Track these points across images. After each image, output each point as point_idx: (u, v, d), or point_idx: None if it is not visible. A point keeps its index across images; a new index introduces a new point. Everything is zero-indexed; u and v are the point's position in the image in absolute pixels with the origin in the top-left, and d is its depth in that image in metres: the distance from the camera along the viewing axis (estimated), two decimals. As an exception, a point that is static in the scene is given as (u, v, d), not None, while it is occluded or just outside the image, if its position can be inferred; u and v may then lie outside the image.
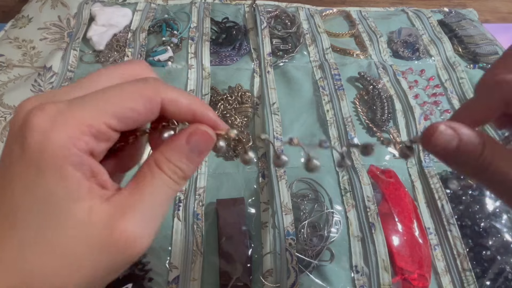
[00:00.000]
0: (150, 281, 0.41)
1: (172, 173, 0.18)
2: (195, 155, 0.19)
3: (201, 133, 0.19)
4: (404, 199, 0.49)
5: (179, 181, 0.19)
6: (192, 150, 0.19)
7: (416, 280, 0.43)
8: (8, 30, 0.66)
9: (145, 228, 0.17)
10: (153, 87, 0.18)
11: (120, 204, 0.17)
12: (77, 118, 0.16)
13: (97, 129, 0.16)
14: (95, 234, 0.16)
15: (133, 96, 0.17)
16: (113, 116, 0.17)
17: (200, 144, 0.19)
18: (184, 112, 0.19)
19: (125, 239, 0.16)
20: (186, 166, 0.19)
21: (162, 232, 0.45)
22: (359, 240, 0.46)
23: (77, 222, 0.16)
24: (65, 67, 0.60)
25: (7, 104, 0.55)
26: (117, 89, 0.17)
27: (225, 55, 0.65)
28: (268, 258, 0.43)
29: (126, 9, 0.70)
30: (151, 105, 0.18)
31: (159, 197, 0.18)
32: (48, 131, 0.15)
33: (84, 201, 0.16)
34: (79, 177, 0.16)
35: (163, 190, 0.18)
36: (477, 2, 0.90)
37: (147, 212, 0.17)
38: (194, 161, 0.19)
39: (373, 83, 0.61)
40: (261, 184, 0.50)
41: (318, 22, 0.73)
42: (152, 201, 0.18)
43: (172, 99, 0.18)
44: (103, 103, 0.16)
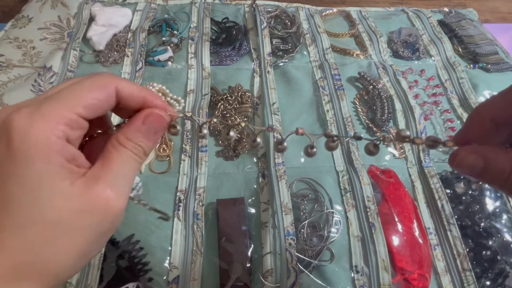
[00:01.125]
0: (150, 281, 0.41)
1: (133, 148, 0.22)
2: (152, 133, 0.23)
3: (155, 114, 0.23)
4: (404, 199, 0.49)
5: (140, 155, 0.22)
6: (149, 129, 0.22)
7: (416, 280, 0.43)
8: (8, 30, 0.66)
9: (118, 190, 0.20)
10: (107, 78, 0.21)
11: (93, 175, 0.20)
12: (51, 112, 0.19)
13: (70, 119, 0.19)
14: (77, 203, 0.19)
15: (92, 87, 0.21)
16: (80, 106, 0.20)
17: (155, 124, 0.23)
18: (136, 96, 0.22)
19: (102, 200, 0.19)
20: (144, 144, 0.22)
21: (162, 232, 0.45)
22: (359, 240, 0.46)
23: (62, 196, 0.19)
24: (65, 67, 0.60)
25: (7, 104, 0.55)
26: (79, 85, 0.20)
27: (225, 55, 0.65)
28: (268, 258, 0.43)
29: (126, 9, 0.70)
30: (107, 92, 0.21)
31: (125, 168, 0.21)
32: (28, 127, 0.18)
33: (66, 179, 0.19)
34: (61, 162, 0.19)
35: (128, 162, 0.21)
36: (477, 2, 0.90)
37: (117, 179, 0.20)
38: (151, 139, 0.23)
39: (373, 83, 0.61)
40: (261, 184, 0.50)
41: (318, 22, 0.73)
42: (119, 170, 0.21)
43: (125, 85, 0.22)
44: (70, 97, 0.20)
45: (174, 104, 0.57)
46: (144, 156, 0.22)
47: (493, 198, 0.50)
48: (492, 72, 0.67)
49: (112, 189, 0.20)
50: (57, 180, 0.19)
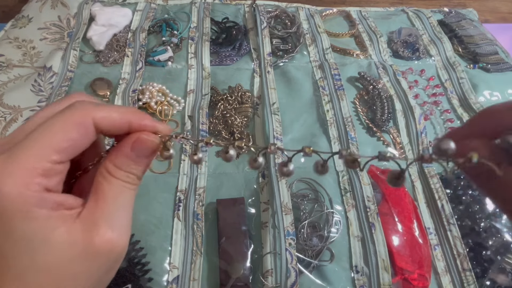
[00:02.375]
0: (150, 281, 0.41)
1: (125, 177, 0.20)
2: (142, 158, 0.21)
3: (143, 140, 0.21)
4: (404, 199, 0.49)
5: (134, 182, 0.21)
6: (138, 155, 0.21)
7: (416, 280, 0.43)
8: (8, 30, 0.66)
9: (118, 228, 0.19)
10: (80, 110, 0.19)
11: (90, 217, 0.19)
12: (22, 165, 0.17)
13: (43, 169, 0.18)
14: (78, 250, 0.18)
15: (64, 126, 0.18)
16: (52, 152, 0.18)
17: (143, 149, 0.21)
18: (118, 125, 0.20)
19: (105, 243, 0.19)
20: (135, 170, 0.21)
21: (162, 232, 0.45)
22: (359, 240, 0.46)
23: (60, 245, 0.18)
24: (65, 67, 0.60)
25: (7, 104, 0.55)
26: (49, 125, 0.18)
27: (225, 55, 0.65)
28: (268, 258, 0.43)
29: (126, 9, 0.70)
30: (84, 129, 0.19)
31: (121, 200, 0.20)
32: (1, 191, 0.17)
33: (59, 227, 0.18)
34: (45, 213, 0.18)
35: (122, 193, 0.20)
36: (477, 2, 0.90)
37: (115, 215, 0.19)
38: (143, 164, 0.21)
39: (373, 83, 0.61)
40: (261, 184, 0.50)
41: (318, 22, 0.73)
42: (116, 204, 0.20)
43: (103, 116, 0.19)
44: (40, 142, 0.18)
45: (174, 104, 0.57)
46: (138, 181, 0.21)
47: (493, 198, 0.50)
48: (492, 72, 0.67)
49: (113, 229, 0.19)
50: (48, 231, 0.18)
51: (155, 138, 0.21)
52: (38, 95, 0.56)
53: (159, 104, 0.56)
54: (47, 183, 0.18)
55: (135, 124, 0.21)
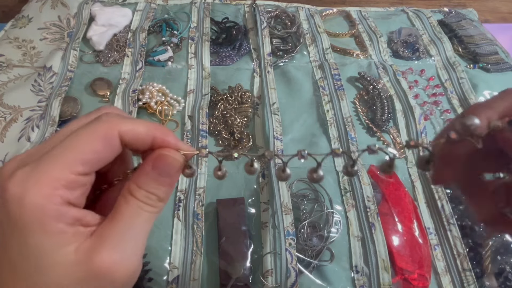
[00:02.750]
0: (150, 281, 0.41)
1: (145, 198, 0.19)
2: (165, 178, 0.20)
3: (164, 157, 0.20)
4: (404, 199, 0.49)
5: (155, 204, 0.20)
6: (160, 174, 0.20)
7: (416, 280, 0.43)
8: (8, 30, 0.66)
9: (125, 251, 0.18)
10: (106, 123, 0.19)
11: (100, 236, 0.18)
12: (46, 176, 0.17)
13: (67, 180, 0.17)
14: (81, 270, 0.18)
15: (89, 138, 0.18)
16: (77, 164, 0.18)
17: (165, 167, 0.20)
18: (143, 139, 0.20)
19: (105, 265, 0.18)
20: (157, 190, 0.20)
21: (162, 232, 0.45)
22: (359, 240, 0.46)
23: (64, 265, 0.17)
24: (65, 67, 0.60)
25: (7, 104, 0.55)
26: (75, 137, 0.18)
27: (225, 55, 0.65)
28: (268, 258, 0.43)
29: (126, 9, 0.70)
30: (109, 141, 0.19)
31: (136, 221, 0.19)
32: (22, 196, 0.17)
33: (70, 244, 0.18)
34: (61, 227, 0.17)
35: (139, 214, 0.19)
36: (477, 2, 0.90)
37: (124, 237, 0.18)
38: (165, 184, 0.20)
39: (373, 83, 0.61)
40: (261, 184, 0.50)
41: (318, 22, 0.73)
42: (128, 226, 0.19)
43: (129, 129, 0.19)
44: (65, 154, 0.18)
45: (174, 104, 0.57)
46: (159, 203, 0.20)
47: (493, 198, 0.50)
48: (492, 72, 0.67)
49: (118, 251, 0.18)
50: (57, 247, 0.17)
51: (179, 156, 0.20)
52: (38, 95, 0.56)
53: (159, 104, 0.56)
54: (69, 196, 0.18)
55: (158, 139, 0.20)
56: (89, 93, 0.58)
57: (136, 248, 0.19)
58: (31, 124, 0.53)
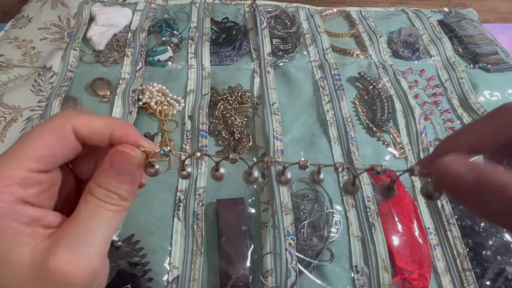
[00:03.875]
0: (150, 281, 0.41)
1: (104, 197, 0.18)
2: (124, 176, 0.19)
3: (120, 153, 0.19)
4: (404, 199, 0.49)
5: (117, 203, 0.19)
6: (118, 172, 0.19)
7: (416, 280, 0.43)
8: (8, 30, 0.66)
9: (79, 252, 0.17)
10: (59, 118, 0.18)
11: (57, 237, 0.17)
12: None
13: (19, 178, 0.17)
14: (36, 272, 0.17)
15: (41, 134, 0.18)
16: (29, 160, 0.17)
17: (123, 165, 0.19)
18: (100, 134, 0.19)
19: (60, 268, 0.17)
20: (117, 189, 0.19)
21: (162, 232, 0.45)
22: (359, 240, 0.46)
23: (20, 265, 0.17)
24: (65, 67, 0.60)
25: (7, 104, 0.55)
26: (28, 135, 0.18)
27: (225, 55, 0.65)
28: (268, 258, 0.43)
29: (126, 9, 0.70)
30: (62, 135, 0.18)
31: (95, 221, 0.18)
32: None
33: (26, 245, 0.17)
34: (15, 226, 0.17)
35: (98, 214, 0.18)
36: (477, 2, 0.90)
37: (80, 237, 0.17)
38: (126, 182, 0.19)
39: (373, 83, 0.61)
40: (261, 184, 0.50)
41: (318, 22, 0.73)
42: (86, 226, 0.18)
43: (83, 123, 0.18)
44: (17, 152, 0.17)
45: (174, 104, 0.57)
46: (122, 202, 0.19)
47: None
48: (492, 72, 0.67)
49: (74, 253, 0.17)
50: (13, 247, 0.17)
51: (138, 153, 0.19)
52: (38, 95, 0.56)
53: (159, 104, 0.56)
54: (23, 193, 0.17)
55: (117, 134, 0.19)
56: (89, 93, 0.58)
57: (95, 248, 0.18)
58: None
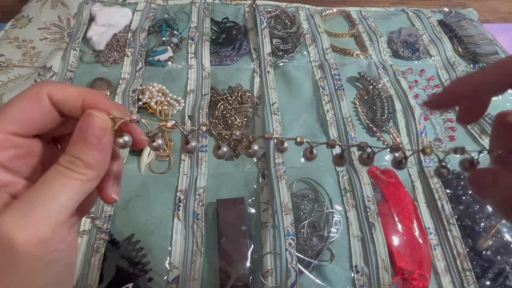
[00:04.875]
0: (150, 281, 0.41)
1: (67, 163, 0.18)
2: (92, 140, 0.18)
3: (89, 115, 0.19)
4: (404, 199, 0.49)
5: (81, 171, 0.18)
6: (85, 136, 0.18)
7: (416, 280, 0.43)
8: (8, 30, 0.66)
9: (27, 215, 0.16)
10: (37, 85, 0.19)
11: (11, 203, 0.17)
12: None
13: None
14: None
15: (19, 100, 0.18)
16: (7, 123, 0.18)
17: (89, 127, 0.18)
18: (73, 100, 0.19)
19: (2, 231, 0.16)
20: (82, 154, 0.18)
21: (162, 232, 0.45)
22: (359, 240, 0.46)
23: None
24: (65, 67, 0.60)
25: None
26: (6, 103, 0.18)
27: (225, 55, 0.65)
28: (268, 258, 0.43)
29: (126, 9, 0.70)
30: (37, 100, 0.18)
31: (48, 187, 0.17)
32: None
33: None
34: None
35: (55, 180, 0.18)
36: (477, 2, 0.90)
37: (31, 201, 0.17)
38: (92, 147, 0.18)
39: (373, 83, 0.61)
40: (261, 184, 0.50)
41: (318, 22, 0.73)
42: (39, 191, 0.17)
43: (58, 89, 0.19)
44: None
45: (174, 104, 0.57)
46: (87, 170, 0.18)
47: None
48: (492, 72, 0.67)
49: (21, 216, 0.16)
50: None
51: (105, 117, 0.19)
52: (38, 95, 0.56)
53: (159, 104, 0.56)
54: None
55: (89, 101, 0.19)
56: (89, 93, 0.58)
57: (46, 215, 0.17)
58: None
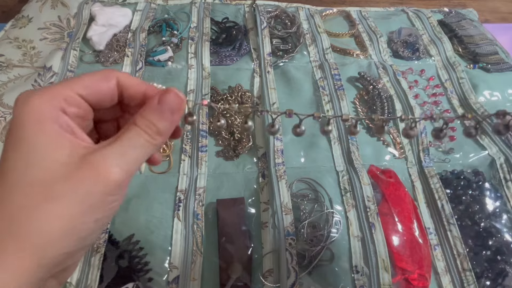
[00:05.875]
0: (150, 281, 0.41)
1: (145, 126, 0.21)
2: (167, 112, 0.22)
3: (170, 91, 0.22)
4: (404, 199, 0.49)
5: (153, 135, 0.21)
6: (163, 108, 0.22)
7: (416, 280, 0.43)
8: (8, 30, 0.66)
9: (114, 160, 0.19)
10: (108, 70, 0.22)
11: (94, 148, 0.20)
12: (50, 89, 0.20)
13: (67, 95, 0.20)
14: (72, 170, 0.18)
15: (93, 74, 0.22)
16: (79, 86, 0.20)
17: (170, 101, 0.22)
18: (136, 86, 0.23)
19: (93, 166, 0.19)
20: (158, 122, 0.21)
21: (162, 232, 0.45)
22: (359, 240, 0.46)
23: (57, 163, 0.18)
24: (65, 67, 0.60)
25: (7, 104, 0.55)
26: (80, 75, 0.22)
27: (225, 55, 0.65)
28: (268, 258, 0.43)
29: (126, 9, 0.70)
30: (107, 79, 0.22)
31: (132, 143, 0.20)
32: (26, 100, 0.19)
33: (65, 148, 0.19)
34: (57, 130, 0.19)
35: (136, 139, 0.21)
36: (477, 2, 0.90)
37: (116, 150, 0.20)
38: (167, 118, 0.22)
39: (373, 83, 0.61)
40: (261, 184, 0.50)
41: (318, 22, 0.73)
42: (123, 144, 0.20)
43: (127, 76, 0.22)
44: (71, 80, 0.21)
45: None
46: (157, 136, 0.21)
47: (493, 198, 0.50)
48: (492, 72, 0.67)
49: (107, 158, 0.19)
50: (52, 147, 0.18)
51: (183, 95, 0.22)
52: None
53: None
54: (65, 107, 0.20)
55: (150, 90, 0.23)
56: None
57: (127, 163, 0.20)
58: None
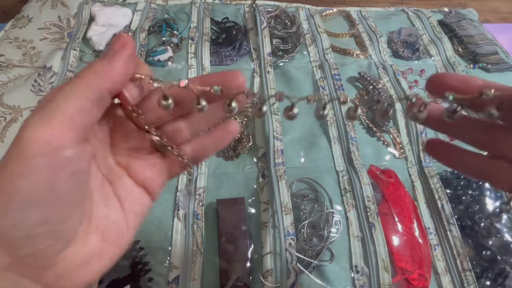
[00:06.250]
0: (150, 281, 0.41)
1: (79, 73, 0.19)
2: (110, 53, 0.20)
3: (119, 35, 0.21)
4: (404, 199, 0.49)
5: (88, 75, 0.19)
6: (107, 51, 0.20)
7: (416, 280, 0.43)
8: (8, 30, 0.66)
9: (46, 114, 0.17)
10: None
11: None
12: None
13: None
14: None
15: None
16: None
17: (114, 43, 0.20)
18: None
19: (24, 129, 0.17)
20: (95, 61, 0.20)
21: (162, 232, 0.45)
22: (359, 240, 0.46)
23: None
24: (65, 67, 0.60)
25: (7, 104, 0.55)
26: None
27: (225, 55, 0.65)
28: (268, 258, 0.43)
29: (126, 9, 0.70)
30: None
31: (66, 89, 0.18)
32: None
33: None
34: None
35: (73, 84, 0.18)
36: (477, 2, 0.90)
37: (49, 104, 0.17)
38: (107, 58, 0.20)
39: (373, 83, 0.61)
40: (261, 184, 0.50)
41: (318, 22, 0.73)
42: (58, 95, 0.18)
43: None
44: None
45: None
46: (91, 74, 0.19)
47: (493, 198, 0.50)
48: (492, 72, 0.67)
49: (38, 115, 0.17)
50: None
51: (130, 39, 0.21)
52: (38, 95, 0.56)
53: (159, 104, 0.56)
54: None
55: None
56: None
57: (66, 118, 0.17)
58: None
